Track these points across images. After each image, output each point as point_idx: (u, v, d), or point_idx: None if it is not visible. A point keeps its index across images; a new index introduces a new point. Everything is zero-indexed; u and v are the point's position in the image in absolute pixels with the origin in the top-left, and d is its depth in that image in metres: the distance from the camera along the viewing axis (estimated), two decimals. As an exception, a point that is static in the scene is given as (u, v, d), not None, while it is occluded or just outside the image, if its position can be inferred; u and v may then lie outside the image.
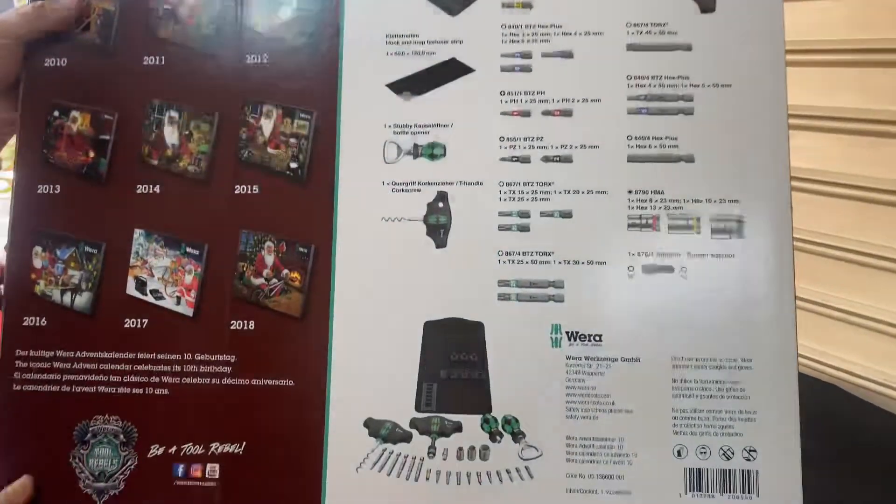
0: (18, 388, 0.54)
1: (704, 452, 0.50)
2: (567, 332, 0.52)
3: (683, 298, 0.51)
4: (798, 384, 0.50)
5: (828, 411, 0.75)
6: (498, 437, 0.51)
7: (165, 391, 0.54)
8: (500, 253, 0.53)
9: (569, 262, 0.52)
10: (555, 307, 0.52)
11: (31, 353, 0.55)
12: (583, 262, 0.52)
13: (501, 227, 0.53)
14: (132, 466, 0.53)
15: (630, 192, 0.52)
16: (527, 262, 0.52)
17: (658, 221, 0.52)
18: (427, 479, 0.51)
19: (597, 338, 0.51)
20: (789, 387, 0.50)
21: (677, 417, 0.50)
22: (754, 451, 0.50)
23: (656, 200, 0.52)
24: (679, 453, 0.50)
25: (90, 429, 0.54)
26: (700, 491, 0.50)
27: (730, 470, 0.50)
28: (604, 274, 0.52)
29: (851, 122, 0.80)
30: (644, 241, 0.52)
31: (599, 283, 0.52)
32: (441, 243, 0.53)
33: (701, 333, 0.51)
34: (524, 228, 0.53)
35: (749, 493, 0.50)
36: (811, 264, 0.79)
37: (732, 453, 0.50)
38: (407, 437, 0.52)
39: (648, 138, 0.52)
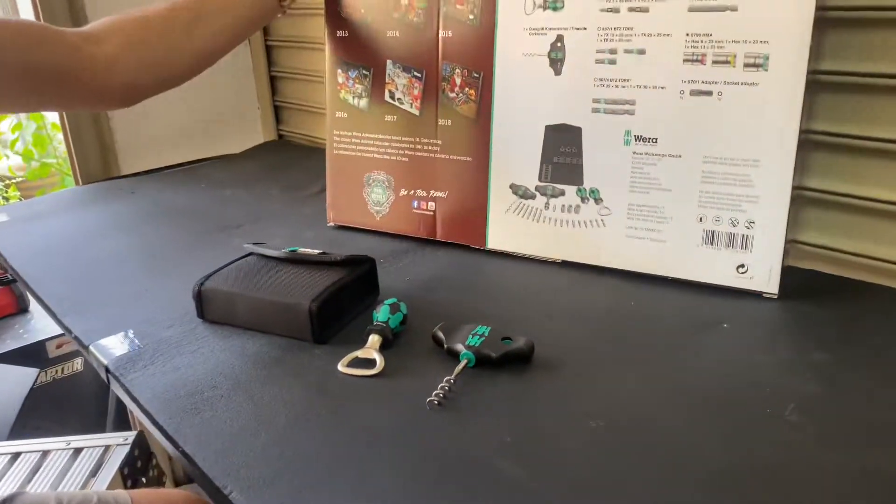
0: (337, 152, 0.98)
1: (718, 221, 0.74)
2: (635, 136, 0.76)
3: (718, 114, 0.71)
4: (792, 178, 0.69)
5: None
6: (586, 201, 0.81)
7: (406, 159, 0.92)
8: (596, 79, 0.77)
9: (640, 87, 0.75)
10: (629, 118, 0.76)
11: (341, 133, 0.97)
12: (649, 87, 0.74)
13: (597, 61, 0.77)
14: (392, 200, 0.95)
15: (687, 34, 0.71)
16: (612, 86, 0.77)
17: (706, 58, 0.71)
18: (544, 221, 0.84)
19: (654, 140, 0.75)
20: (785, 180, 0.69)
21: (703, 197, 0.74)
22: (753, 222, 0.72)
23: (706, 42, 0.71)
24: (701, 219, 0.74)
25: (371, 178, 0.96)
26: (712, 245, 0.74)
27: (734, 233, 0.73)
28: (664, 95, 0.74)
29: None
30: (694, 71, 0.72)
31: (660, 102, 0.74)
32: (558, 72, 0.79)
33: (727, 139, 0.72)
34: (612, 62, 0.76)
35: (745, 249, 0.73)
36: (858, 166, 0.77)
37: (738, 223, 0.73)
38: (533, 196, 0.84)
39: (706, -8, 0.70)
